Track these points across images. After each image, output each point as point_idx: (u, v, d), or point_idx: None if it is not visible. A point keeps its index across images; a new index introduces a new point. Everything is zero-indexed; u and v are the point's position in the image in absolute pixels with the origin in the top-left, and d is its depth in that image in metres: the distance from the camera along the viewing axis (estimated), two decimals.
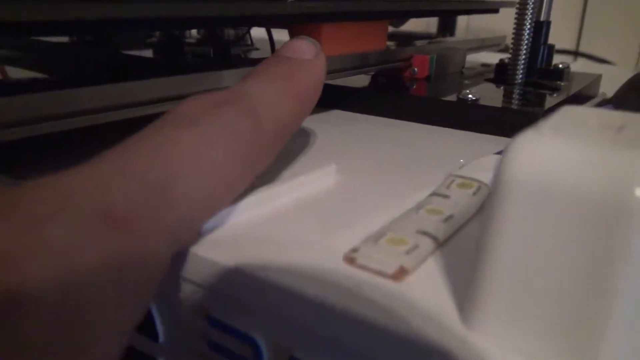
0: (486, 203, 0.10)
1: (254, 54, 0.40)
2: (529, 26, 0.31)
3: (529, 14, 0.31)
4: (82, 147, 0.20)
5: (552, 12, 0.34)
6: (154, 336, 0.15)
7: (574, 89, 0.31)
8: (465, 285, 0.12)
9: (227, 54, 0.38)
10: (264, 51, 0.41)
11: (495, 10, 0.39)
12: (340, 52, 0.27)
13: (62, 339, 0.10)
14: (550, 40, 0.35)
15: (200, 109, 0.14)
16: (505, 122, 0.25)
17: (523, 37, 0.32)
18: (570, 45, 0.71)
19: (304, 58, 0.17)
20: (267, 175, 0.17)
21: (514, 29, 0.32)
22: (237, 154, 0.14)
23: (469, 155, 0.22)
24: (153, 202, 0.11)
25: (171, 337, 0.15)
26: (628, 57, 0.67)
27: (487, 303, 0.10)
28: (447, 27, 0.65)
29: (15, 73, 0.37)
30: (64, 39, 0.44)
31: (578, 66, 0.54)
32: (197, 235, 0.14)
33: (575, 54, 0.70)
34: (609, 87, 0.36)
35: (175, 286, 0.14)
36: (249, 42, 0.42)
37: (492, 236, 0.10)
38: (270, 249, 0.13)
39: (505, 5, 0.40)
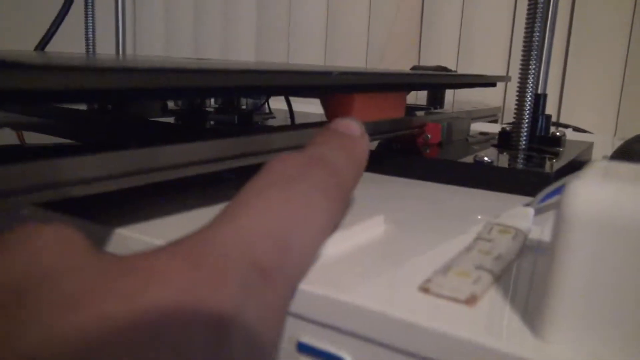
0: (553, 232, 0.13)
1: (272, 122, 0.43)
2: (530, 98, 0.35)
3: (529, 86, 0.35)
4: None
5: None
6: None
7: (573, 154, 0.34)
8: (524, 308, 0.14)
9: (249, 122, 0.41)
10: (280, 119, 0.44)
11: (493, 84, 0.43)
12: (368, 119, 0.30)
13: None
14: None
15: (294, 169, 0.16)
16: (520, 182, 0.28)
17: (525, 107, 0.35)
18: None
19: (354, 134, 0.20)
20: None
21: (516, 100, 0.36)
22: (330, 208, 0.16)
23: (490, 208, 0.25)
24: (281, 254, 0.14)
25: None
26: (606, 128, 0.72)
27: (559, 317, 0.12)
28: (436, 99, 0.69)
29: (33, 138, 0.39)
30: (83, 106, 0.47)
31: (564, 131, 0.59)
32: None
33: (557, 125, 0.75)
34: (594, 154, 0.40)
35: None
36: (268, 111, 0.45)
37: (560, 262, 0.12)
38: (355, 281, 0.16)
39: (501, 79, 0.44)
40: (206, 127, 0.39)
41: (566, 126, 0.72)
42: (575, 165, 0.34)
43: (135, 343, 0.10)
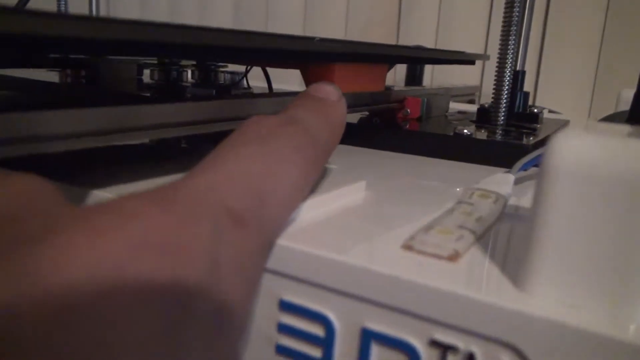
0: (536, 185, 0.13)
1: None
2: (509, 74, 0.35)
3: (508, 62, 0.35)
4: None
5: None
6: None
7: (550, 130, 0.35)
8: (505, 264, 0.14)
9: (228, 93, 0.40)
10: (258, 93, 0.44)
11: (472, 62, 0.44)
12: (348, 90, 0.29)
13: (216, 324, 0.11)
14: None
15: (268, 127, 0.16)
16: (499, 154, 0.28)
17: (504, 83, 0.35)
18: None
19: (331, 99, 0.19)
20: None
21: (495, 77, 0.36)
22: (303, 165, 0.16)
23: (470, 178, 0.25)
24: (256, 205, 0.13)
25: None
26: (580, 111, 0.73)
27: (540, 268, 0.13)
28: (415, 79, 0.69)
29: None
30: (55, 79, 0.45)
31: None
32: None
33: (532, 107, 0.76)
34: None
35: None
36: (246, 86, 0.45)
37: (542, 213, 0.13)
38: (338, 239, 0.16)
39: (480, 57, 0.44)
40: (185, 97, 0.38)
41: (541, 108, 0.73)
42: None
43: (102, 277, 0.10)
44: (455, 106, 0.48)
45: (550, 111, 0.71)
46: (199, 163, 0.14)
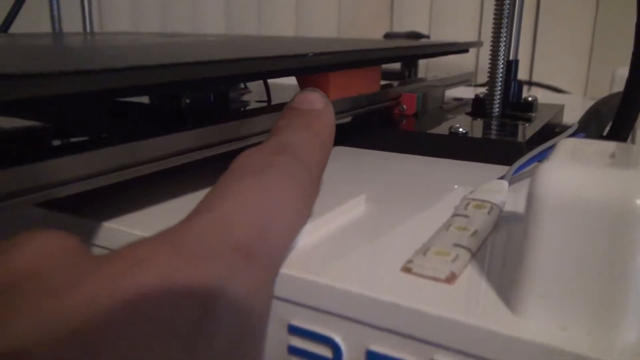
0: (525, 215, 0.14)
1: (249, 97, 0.43)
2: (502, 65, 0.36)
3: (501, 54, 0.36)
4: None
5: None
6: None
7: (545, 119, 0.35)
8: (499, 283, 0.15)
9: (226, 97, 0.41)
10: (256, 93, 0.44)
11: (466, 50, 0.44)
12: (344, 95, 0.30)
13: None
14: None
15: (263, 159, 0.17)
16: (495, 152, 0.28)
17: (497, 74, 0.36)
18: (523, 76, 0.77)
19: (316, 109, 0.20)
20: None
21: (489, 68, 0.36)
22: (301, 193, 0.17)
23: (467, 179, 0.26)
24: (260, 239, 0.14)
25: None
26: (577, 84, 0.73)
27: (531, 293, 0.13)
28: (410, 63, 0.70)
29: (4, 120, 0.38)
30: None
31: (536, 95, 0.60)
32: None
33: (529, 83, 0.76)
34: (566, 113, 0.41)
35: None
36: (243, 86, 0.45)
37: (531, 241, 0.13)
38: (342, 264, 0.16)
39: (473, 45, 0.44)
40: (182, 106, 0.39)
41: (540, 85, 0.73)
42: (548, 130, 0.35)
43: (119, 323, 0.11)
44: (451, 93, 0.48)
45: (548, 87, 0.71)
46: (202, 200, 0.15)
